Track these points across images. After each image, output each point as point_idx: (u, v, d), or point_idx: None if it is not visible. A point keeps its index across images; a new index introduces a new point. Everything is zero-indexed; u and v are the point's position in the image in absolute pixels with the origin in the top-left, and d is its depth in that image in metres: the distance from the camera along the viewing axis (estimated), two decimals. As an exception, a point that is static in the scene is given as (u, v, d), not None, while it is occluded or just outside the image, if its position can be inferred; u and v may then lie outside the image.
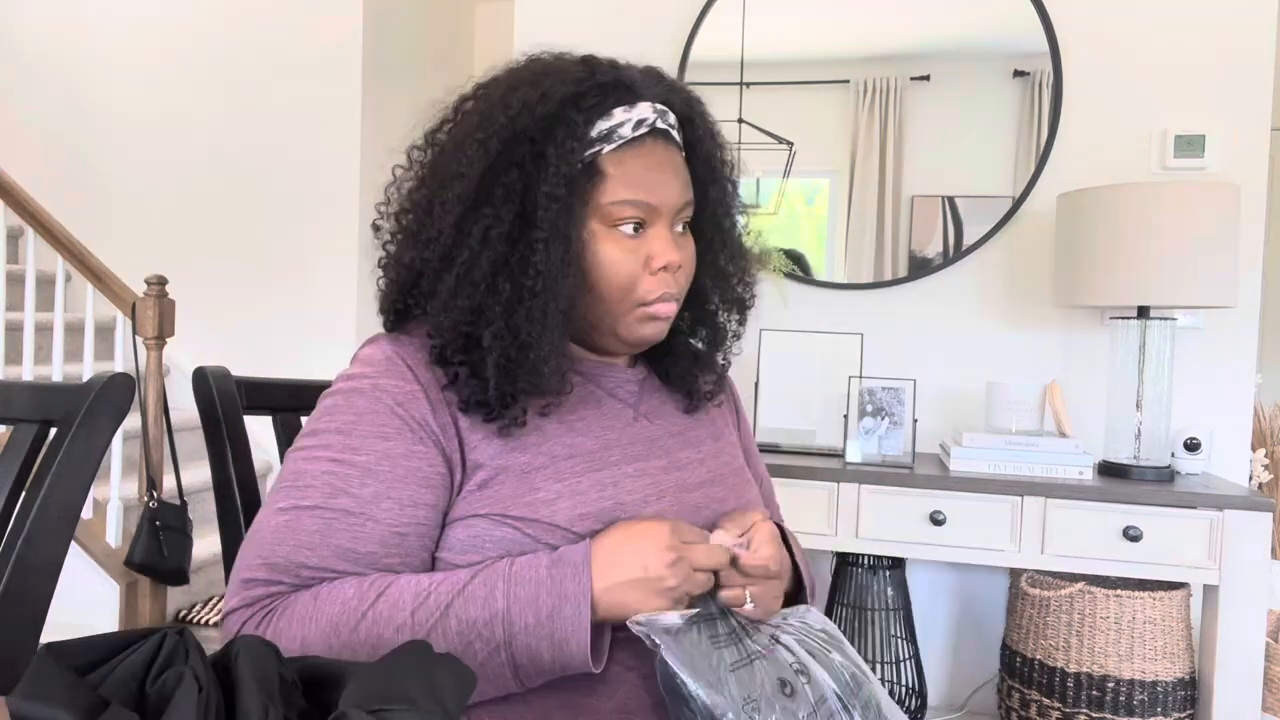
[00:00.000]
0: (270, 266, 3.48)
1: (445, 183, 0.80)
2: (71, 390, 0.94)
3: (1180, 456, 2.10)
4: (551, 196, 0.77)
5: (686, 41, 2.37)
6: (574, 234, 0.78)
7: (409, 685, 0.48)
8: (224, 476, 1.01)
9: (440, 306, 0.79)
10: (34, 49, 3.69)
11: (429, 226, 0.81)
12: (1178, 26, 2.14)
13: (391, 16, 3.55)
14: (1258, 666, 1.77)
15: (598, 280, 0.81)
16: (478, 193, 0.78)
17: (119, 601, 2.61)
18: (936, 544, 1.90)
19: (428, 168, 0.85)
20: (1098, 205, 1.87)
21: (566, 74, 0.80)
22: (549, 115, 0.78)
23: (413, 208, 0.84)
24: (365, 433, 0.77)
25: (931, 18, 2.24)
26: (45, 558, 0.89)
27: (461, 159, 0.79)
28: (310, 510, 0.75)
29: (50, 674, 0.44)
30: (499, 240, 0.78)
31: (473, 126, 0.81)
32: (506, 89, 0.81)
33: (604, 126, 0.79)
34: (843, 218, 2.31)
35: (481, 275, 0.78)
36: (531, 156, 0.78)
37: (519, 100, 0.79)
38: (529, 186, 0.78)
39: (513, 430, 0.79)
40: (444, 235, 0.79)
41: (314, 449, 0.78)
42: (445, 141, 0.84)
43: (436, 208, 0.80)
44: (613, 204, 0.79)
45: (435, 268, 0.80)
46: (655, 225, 0.82)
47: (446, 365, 0.80)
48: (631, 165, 0.80)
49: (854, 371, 2.12)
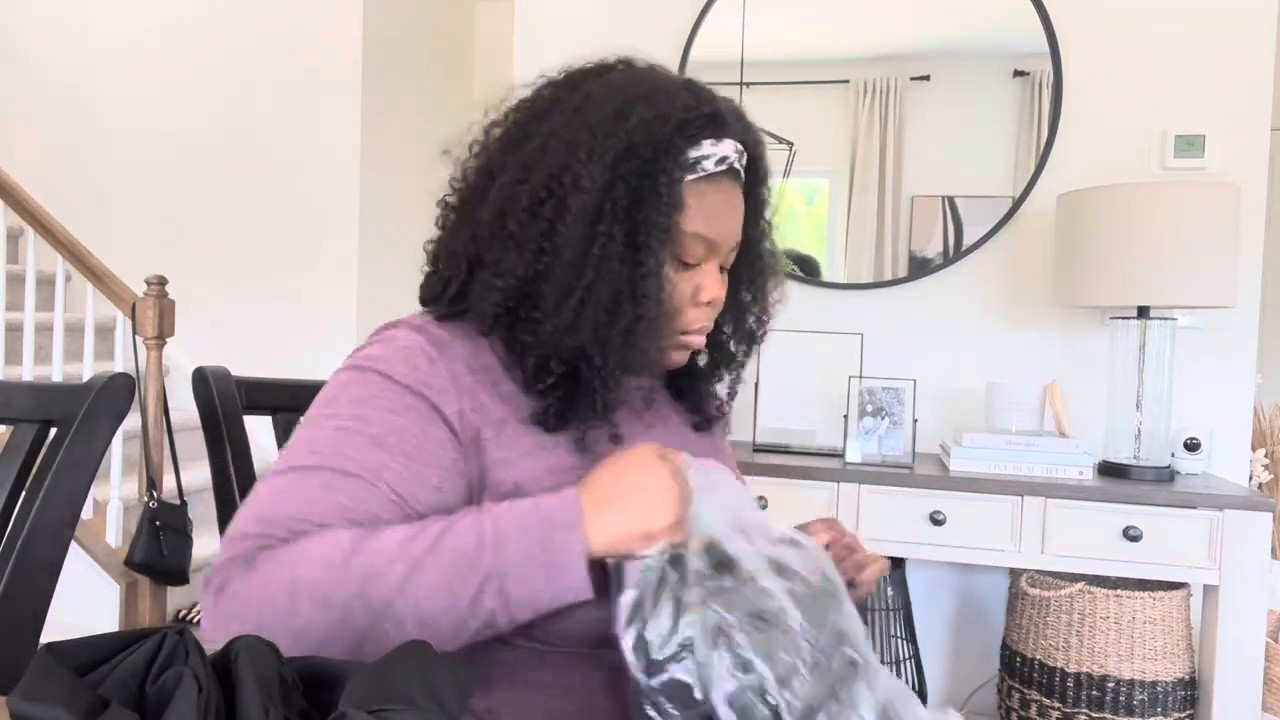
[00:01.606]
0: (270, 266, 3.48)
1: (553, 189, 0.77)
2: (71, 390, 0.94)
3: (1180, 456, 2.10)
4: (663, 226, 0.77)
5: (686, 41, 2.37)
6: (666, 259, 0.79)
7: (409, 685, 0.48)
8: (224, 476, 1.01)
9: (564, 324, 0.77)
10: (35, 50, 3.69)
11: (533, 232, 0.77)
12: (1178, 26, 2.14)
13: (392, 17, 3.55)
14: (1258, 666, 1.77)
15: None
16: (597, 207, 0.76)
17: (119, 601, 2.61)
18: (936, 544, 1.90)
19: (520, 160, 0.80)
20: (1098, 205, 1.87)
21: (677, 96, 0.79)
22: (665, 138, 0.77)
23: (504, 203, 0.79)
24: (378, 406, 0.75)
25: (931, 18, 2.24)
26: (45, 558, 0.89)
27: (575, 166, 0.76)
28: (313, 470, 0.72)
29: (50, 674, 0.44)
30: (614, 260, 0.76)
31: (582, 129, 0.78)
32: (620, 97, 0.79)
33: (693, 155, 0.79)
34: (843, 218, 2.31)
35: (603, 297, 0.76)
36: (639, 175, 0.77)
37: (638, 116, 0.77)
38: (634, 205, 0.77)
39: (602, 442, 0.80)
40: (565, 249, 0.76)
41: (322, 419, 0.75)
42: (544, 135, 0.80)
43: (548, 213, 0.77)
44: (686, 234, 0.79)
45: (555, 282, 0.77)
46: (710, 260, 0.83)
47: (546, 374, 0.78)
48: (709, 200, 0.80)
49: (854, 371, 2.12)
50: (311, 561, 0.67)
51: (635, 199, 0.77)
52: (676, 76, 0.84)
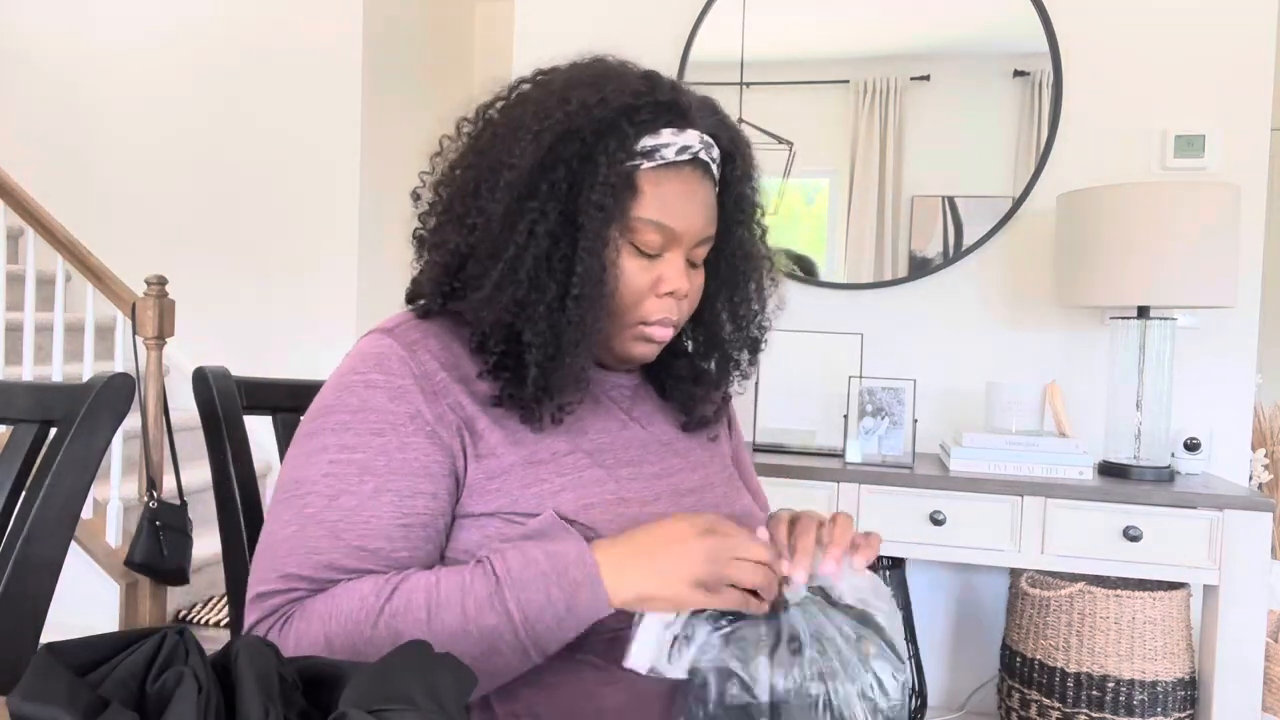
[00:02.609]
0: (270, 266, 3.48)
1: (494, 168, 0.79)
2: (71, 390, 0.94)
3: (1180, 456, 2.10)
4: (598, 205, 0.77)
5: (686, 41, 2.37)
6: (610, 242, 0.79)
7: (409, 685, 0.48)
8: (224, 476, 1.01)
9: (485, 298, 0.78)
10: (35, 50, 3.69)
11: (473, 211, 0.80)
12: (1178, 26, 2.14)
13: (392, 16, 3.55)
14: (1258, 666, 1.77)
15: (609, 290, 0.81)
16: (527, 185, 0.77)
17: (119, 601, 2.61)
18: (936, 544, 1.90)
19: (476, 147, 0.83)
20: (1098, 205, 1.87)
21: (628, 84, 0.80)
22: (604, 120, 0.78)
23: (457, 186, 0.83)
24: (361, 430, 0.77)
25: (931, 18, 2.24)
26: (45, 558, 0.89)
27: (514, 147, 0.78)
28: (315, 517, 0.75)
29: (50, 674, 0.44)
30: (543, 237, 0.77)
31: (527, 115, 0.80)
32: (566, 84, 0.81)
33: (650, 143, 0.80)
34: (843, 218, 2.31)
35: (526, 271, 0.77)
36: (580, 158, 0.78)
37: (578, 99, 0.78)
38: (574, 187, 0.78)
39: (545, 423, 0.81)
40: (491, 223, 0.78)
41: (311, 453, 0.78)
42: (497, 122, 0.83)
43: (484, 192, 0.79)
44: (640, 220, 0.80)
45: (481, 255, 0.79)
46: (672, 251, 0.83)
47: (486, 354, 0.80)
48: (667, 188, 0.80)
49: (854, 371, 2.12)
50: (342, 620, 0.71)
51: (574, 180, 0.78)
52: (640, 69, 0.84)
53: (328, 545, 0.75)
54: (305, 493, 0.76)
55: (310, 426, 0.80)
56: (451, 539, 0.80)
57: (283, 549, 0.75)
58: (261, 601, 0.75)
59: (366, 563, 0.75)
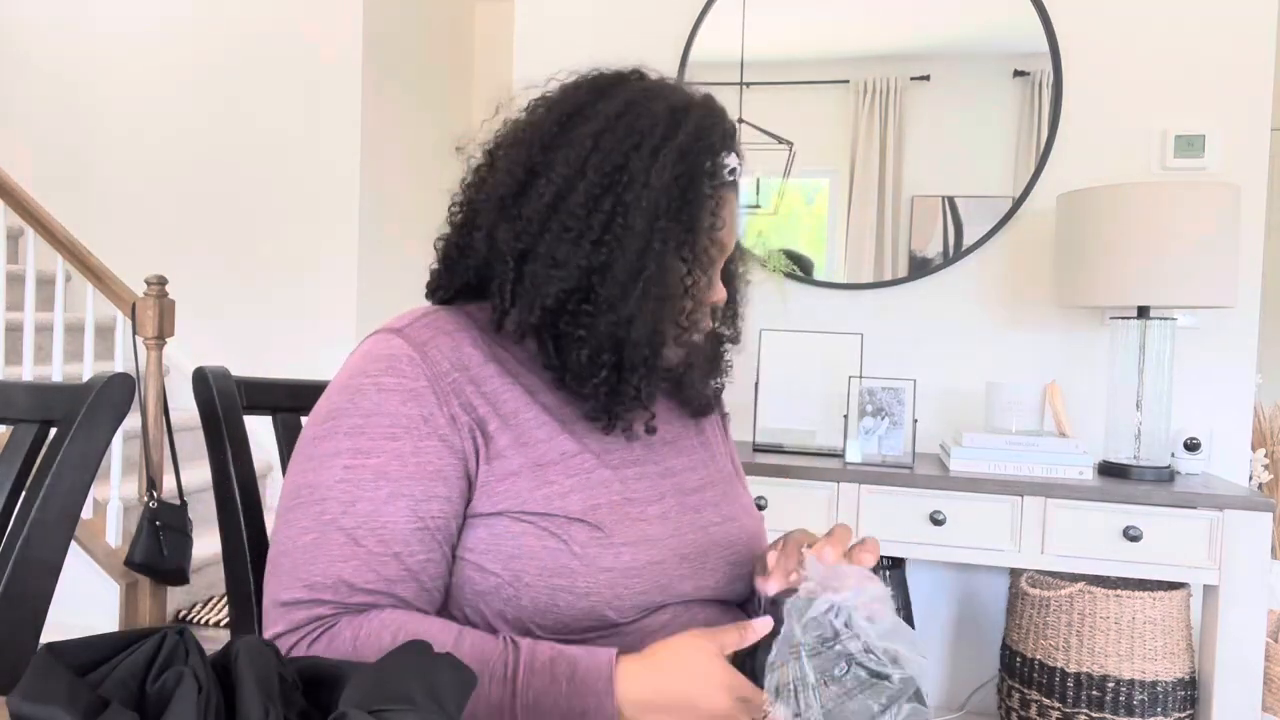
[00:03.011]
0: (270, 266, 3.48)
1: (614, 184, 0.79)
2: (71, 390, 0.94)
3: (1180, 456, 2.10)
4: (710, 226, 0.82)
5: (686, 41, 2.37)
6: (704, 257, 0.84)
7: (409, 685, 0.48)
8: (224, 476, 1.01)
9: (624, 316, 0.79)
10: (35, 50, 3.69)
11: (593, 225, 0.79)
12: (1178, 26, 2.14)
13: (392, 17, 3.55)
14: (1258, 666, 1.77)
15: None
16: (657, 204, 0.79)
17: (119, 601, 2.61)
18: (936, 544, 1.90)
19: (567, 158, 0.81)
20: (1098, 205, 1.87)
21: (714, 107, 0.85)
22: (713, 145, 0.82)
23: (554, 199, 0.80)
24: (374, 434, 0.77)
25: (931, 18, 2.24)
26: (45, 558, 0.89)
27: (635, 164, 0.79)
28: (334, 524, 0.75)
29: (50, 674, 0.44)
30: (671, 254, 0.80)
31: (633, 131, 0.80)
32: (667, 104, 0.82)
33: (718, 163, 0.84)
34: (843, 218, 2.31)
35: (662, 291, 0.80)
36: (689, 177, 0.81)
37: (695, 122, 0.82)
38: (683, 205, 0.81)
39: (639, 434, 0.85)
40: (629, 242, 0.79)
41: (325, 457, 0.78)
42: (589, 135, 0.81)
43: (607, 207, 0.79)
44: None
45: (618, 274, 0.79)
46: (718, 264, 0.88)
47: (598, 368, 0.81)
48: (725, 206, 0.85)
49: (854, 371, 2.12)
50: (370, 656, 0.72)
51: (684, 200, 0.81)
52: (693, 89, 0.88)
53: (348, 553, 0.75)
54: (321, 498, 0.76)
55: (321, 429, 0.79)
56: (460, 537, 0.80)
57: (304, 556, 0.76)
58: (288, 611, 0.75)
59: (389, 568, 0.75)
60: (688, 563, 0.83)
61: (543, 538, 0.77)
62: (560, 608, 0.77)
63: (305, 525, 0.76)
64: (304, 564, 0.75)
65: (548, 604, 0.77)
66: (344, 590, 0.75)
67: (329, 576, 0.75)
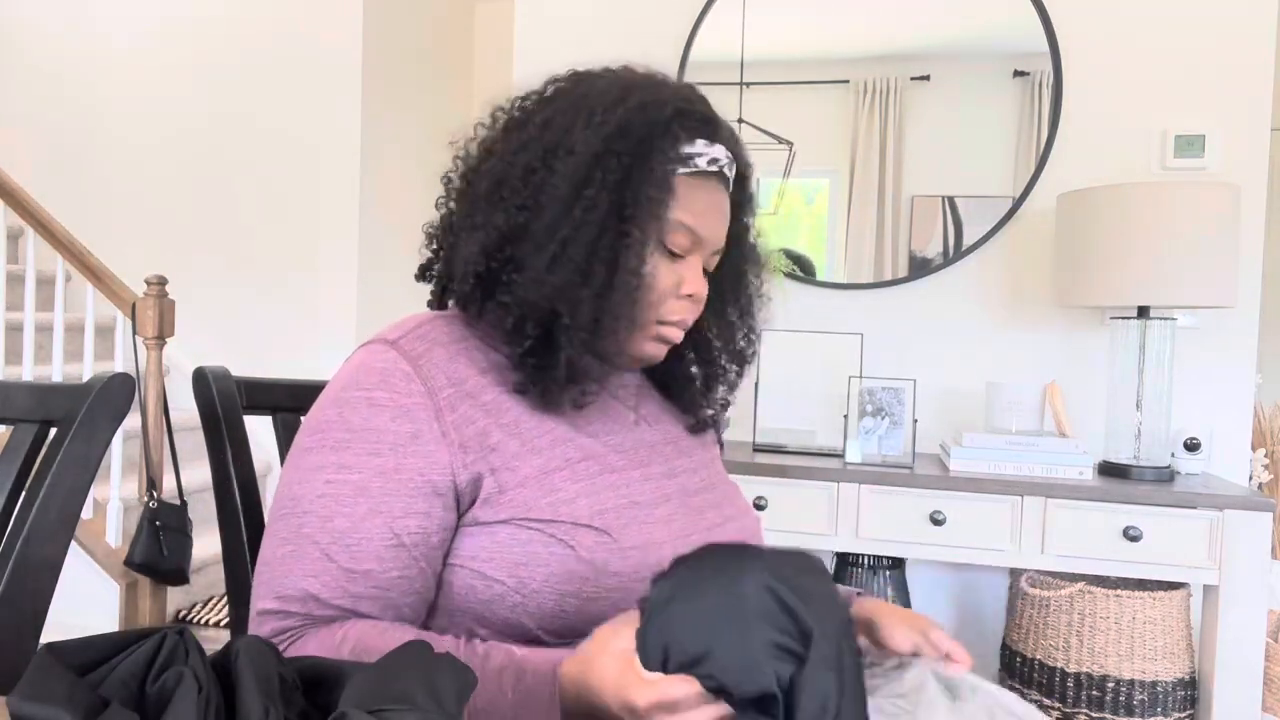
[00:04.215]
0: (270, 266, 3.48)
1: (549, 153, 0.81)
2: (71, 390, 0.94)
3: (1180, 456, 2.10)
4: (653, 200, 0.80)
5: (686, 41, 2.37)
6: (651, 238, 0.82)
7: (409, 685, 0.49)
8: (224, 476, 1.01)
9: (534, 278, 0.80)
10: (35, 50, 3.69)
11: (522, 193, 0.81)
12: (1178, 26, 2.14)
13: (392, 16, 3.55)
14: (1258, 666, 1.77)
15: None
16: (585, 172, 0.79)
17: (119, 601, 2.61)
18: (936, 544, 1.90)
19: (521, 137, 0.84)
20: (1098, 205, 1.87)
21: (678, 91, 0.85)
22: (660, 122, 0.81)
23: (501, 173, 0.83)
24: (359, 450, 0.77)
25: (931, 18, 2.24)
26: (45, 558, 0.89)
27: (572, 136, 0.81)
28: (310, 538, 0.76)
29: (50, 674, 0.44)
30: (595, 224, 0.79)
31: (582, 108, 0.82)
32: (621, 84, 0.84)
33: (687, 150, 0.83)
34: (843, 218, 2.31)
35: (577, 255, 0.79)
36: (634, 154, 0.80)
37: (638, 98, 0.82)
38: (624, 180, 0.80)
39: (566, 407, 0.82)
40: (548, 206, 0.79)
41: (309, 470, 0.78)
42: (546, 116, 0.84)
43: (537, 179, 0.81)
44: (673, 222, 0.83)
45: (534, 235, 0.80)
46: (694, 255, 0.86)
47: (522, 337, 0.81)
48: (697, 195, 0.84)
49: (854, 371, 2.12)
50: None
51: (625, 174, 0.80)
52: (677, 80, 0.89)
53: (319, 568, 0.76)
54: (302, 511, 0.77)
55: (309, 441, 0.79)
56: (457, 545, 0.79)
57: (280, 569, 0.77)
58: (261, 621, 0.77)
59: (357, 585, 0.76)
60: None
61: (549, 544, 0.77)
62: (568, 613, 0.77)
63: (284, 536, 0.78)
64: (279, 576, 0.77)
65: (555, 610, 0.77)
66: (311, 604, 0.76)
67: (298, 589, 0.76)
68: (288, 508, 0.78)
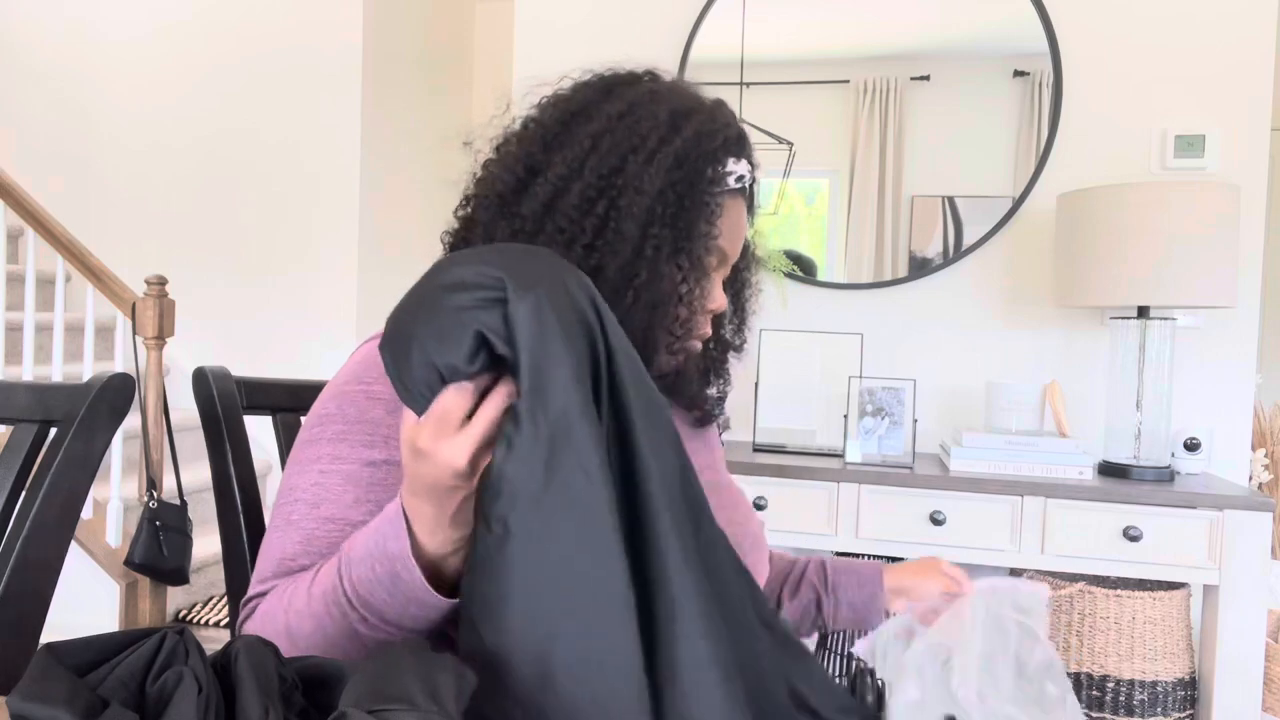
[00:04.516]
0: (270, 266, 3.48)
1: (607, 188, 0.79)
2: (71, 390, 0.94)
3: (1180, 456, 2.10)
4: (708, 234, 0.81)
5: (686, 41, 2.37)
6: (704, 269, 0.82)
7: (409, 685, 0.49)
8: (224, 476, 1.01)
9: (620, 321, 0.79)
10: (35, 50, 3.69)
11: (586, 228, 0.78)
12: (1178, 26, 2.14)
13: (392, 16, 3.55)
14: (1258, 666, 1.77)
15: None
16: (650, 211, 0.79)
17: (119, 601, 2.61)
18: (936, 544, 1.90)
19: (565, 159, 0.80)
20: (1098, 205, 1.87)
21: (719, 114, 0.84)
22: (712, 152, 0.81)
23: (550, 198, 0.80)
24: (354, 441, 0.78)
25: (931, 18, 2.24)
26: (45, 558, 0.89)
27: (629, 169, 0.79)
28: (297, 524, 0.77)
29: (50, 674, 0.44)
30: (663, 261, 0.79)
31: (633, 134, 0.80)
32: (669, 108, 0.81)
33: (726, 170, 0.83)
34: (843, 218, 2.31)
35: (653, 297, 0.79)
36: (688, 184, 0.80)
37: (693, 128, 0.80)
38: (680, 213, 0.80)
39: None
40: (620, 248, 0.78)
41: (306, 462, 0.79)
42: (589, 135, 0.81)
43: (600, 211, 0.79)
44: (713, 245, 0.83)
45: (609, 279, 0.78)
46: (720, 271, 0.87)
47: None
48: (728, 214, 0.84)
49: (854, 371, 2.12)
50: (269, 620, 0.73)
51: (680, 207, 0.80)
52: (705, 94, 0.87)
53: (299, 550, 0.76)
54: (295, 500, 0.78)
55: (309, 434, 0.80)
56: None
57: (270, 555, 0.78)
58: (245, 605, 0.77)
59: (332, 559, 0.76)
60: None
61: None
62: None
63: (276, 524, 0.78)
64: (263, 559, 0.78)
65: None
66: (284, 565, 0.76)
67: (280, 571, 0.76)
68: (285, 498, 0.79)
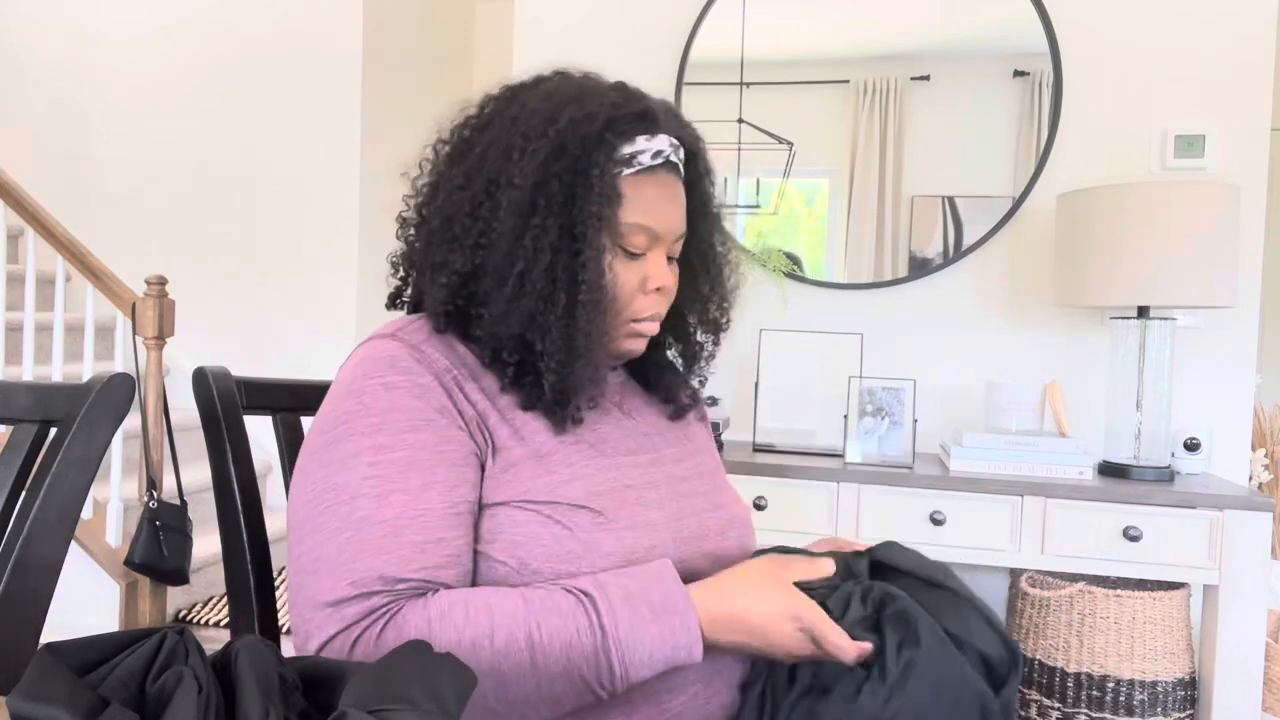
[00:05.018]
0: (270, 266, 3.48)
1: (491, 188, 0.83)
2: (71, 390, 0.94)
3: (1180, 456, 2.10)
4: (595, 215, 0.81)
5: (686, 41, 2.37)
6: (606, 248, 0.84)
7: (409, 685, 0.49)
8: (224, 476, 1.01)
9: (500, 314, 0.82)
10: (34, 50, 3.69)
11: (474, 231, 0.83)
12: (1178, 26, 2.14)
13: (392, 16, 3.55)
14: (1258, 666, 1.77)
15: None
16: (529, 203, 0.81)
17: (119, 601, 2.61)
18: (936, 544, 1.90)
19: (463, 168, 0.86)
20: (1098, 205, 1.87)
21: (606, 97, 0.85)
22: (592, 136, 0.82)
23: (450, 208, 0.85)
24: (394, 429, 0.78)
25: (931, 18, 2.24)
26: (45, 558, 0.89)
27: (509, 166, 0.82)
28: (371, 519, 0.75)
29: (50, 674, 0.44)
30: (547, 250, 0.81)
31: (516, 134, 0.83)
32: (551, 103, 0.84)
33: (628, 151, 0.84)
34: (843, 218, 2.31)
35: (535, 285, 0.81)
36: (572, 172, 0.81)
37: (567, 117, 0.82)
38: (569, 200, 0.81)
39: (567, 425, 0.84)
40: (498, 242, 0.82)
41: (344, 459, 0.78)
42: (481, 141, 0.85)
43: (485, 212, 0.83)
44: (627, 225, 0.84)
45: (490, 273, 0.82)
46: (655, 250, 0.87)
47: (503, 366, 0.84)
48: (646, 192, 0.85)
49: (854, 371, 2.12)
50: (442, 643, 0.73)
51: (569, 194, 0.82)
52: (608, 81, 0.89)
53: (389, 545, 0.75)
54: (351, 498, 0.76)
55: (332, 435, 0.79)
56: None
57: (344, 556, 0.75)
58: (336, 610, 0.74)
59: (431, 556, 0.76)
60: (685, 547, 0.86)
61: (547, 524, 0.79)
62: None
63: (337, 526, 0.76)
64: (346, 563, 0.74)
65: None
66: (391, 582, 0.74)
67: (373, 571, 0.74)
68: (328, 499, 0.77)
